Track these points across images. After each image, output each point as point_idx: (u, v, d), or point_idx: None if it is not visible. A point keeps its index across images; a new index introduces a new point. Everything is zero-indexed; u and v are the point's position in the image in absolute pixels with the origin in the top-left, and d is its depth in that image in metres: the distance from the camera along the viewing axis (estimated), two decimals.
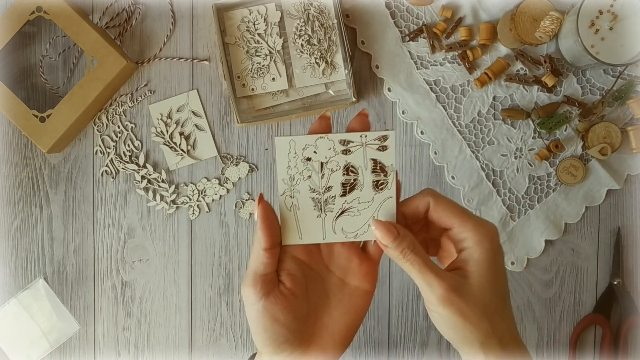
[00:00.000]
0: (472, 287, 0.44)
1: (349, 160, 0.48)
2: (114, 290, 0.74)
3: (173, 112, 0.73)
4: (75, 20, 0.67)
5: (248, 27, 0.71)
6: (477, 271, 0.45)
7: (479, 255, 0.45)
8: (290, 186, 0.48)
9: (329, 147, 0.48)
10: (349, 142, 0.47)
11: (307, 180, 0.48)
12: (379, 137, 0.47)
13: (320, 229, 0.48)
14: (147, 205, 0.73)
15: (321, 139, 0.47)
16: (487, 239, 0.45)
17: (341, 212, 0.48)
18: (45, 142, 0.69)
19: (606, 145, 0.70)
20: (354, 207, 0.48)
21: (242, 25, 0.71)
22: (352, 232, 0.48)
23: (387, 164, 0.48)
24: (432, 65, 0.71)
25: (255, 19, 0.71)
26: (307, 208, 0.48)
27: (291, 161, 0.48)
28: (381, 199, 0.48)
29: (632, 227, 0.72)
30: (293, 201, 0.48)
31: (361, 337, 0.73)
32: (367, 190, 0.48)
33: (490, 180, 0.72)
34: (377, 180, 0.48)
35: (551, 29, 0.66)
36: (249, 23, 0.71)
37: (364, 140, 0.47)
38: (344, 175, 0.48)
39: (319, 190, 0.48)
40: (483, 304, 0.44)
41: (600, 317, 0.71)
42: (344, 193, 0.48)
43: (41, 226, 0.74)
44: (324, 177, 0.48)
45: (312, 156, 0.48)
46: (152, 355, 0.74)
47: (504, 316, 0.46)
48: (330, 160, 0.48)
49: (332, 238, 0.48)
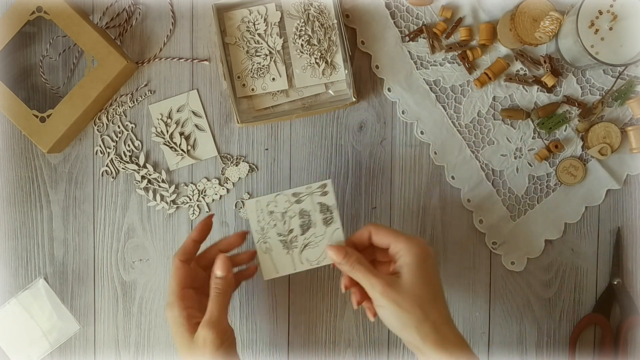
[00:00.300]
0: (404, 283, 0.57)
1: (302, 207, 0.63)
2: (114, 290, 0.74)
3: (173, 112, 0.73)
4: (75, 20, 0.67)
5: (248, 27, 0.71)
6: (408, 271, 0.58)
7: (409, 259, 0.58)
8: (262, 234, 0.63)
9: (285, 200, 0.63)
10: (299, 194, 0.63)
11: (274, 228, 0.63)
12: (319, 186, 0.62)
13: (291, 262, 0.63)
14: (147, 205, 0.73)
15: (278, 196, 0.63)
16: (415, 246, 0.58)
17: (304, 247, 0.63)
18: (46, 142, 0.69)
19: (606, 145, 0.70)
20: (313, 241, 0.63)
21: (242, 26, 0.71)
22: (314, 260, 0.63)
23: (329, 204, 0.63)
24: (432, 65, 0.71)
25: (255, 19, 0.71)
26: (278, 248, 0.63)
27: (259, 216, 0.63)
28: (331, 231, 0.63)
29: (631, 227, 0.72)
30: (266, 245, 0.63)
31: (361, 337, 0.73)
32: (319, 226, 0.63)
33: (490, 180, 0.72)
34: (325, 218, 0.63)
35: (551, 29, 0.66)
36: (249, 23, 0.71)
37: (309, 191, 0.63)
38: (300, 219, 0.63)
39: (284, 233, 0.63)
40: (414, 295, 0.57)
41: (600, 316, 0.71)
42: (302, 232, 0.63)
43: (41, 226, 0.74)
44: (285, 223, 0.63)
45: (274, 209, 0.63)
46: (153, 355, 0.74)
47: (435, 305, 0.57)
48: (287, 210, 0.63)
49: (300, 268, 0.63)
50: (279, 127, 0.73)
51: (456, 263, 0.73)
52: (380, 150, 0.72)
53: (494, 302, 0.73)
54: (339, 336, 0.73)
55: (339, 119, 0.72)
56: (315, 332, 0.73)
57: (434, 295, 0.58)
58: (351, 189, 0.72)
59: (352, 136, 0.72)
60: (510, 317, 0.73)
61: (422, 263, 0.58)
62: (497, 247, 0.72)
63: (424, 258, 0.59)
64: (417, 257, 0.58)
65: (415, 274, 0.58)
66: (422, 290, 0.57)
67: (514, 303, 0.73)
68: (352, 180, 0.72)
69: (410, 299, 0.57)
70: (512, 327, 0.73)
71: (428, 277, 0.58)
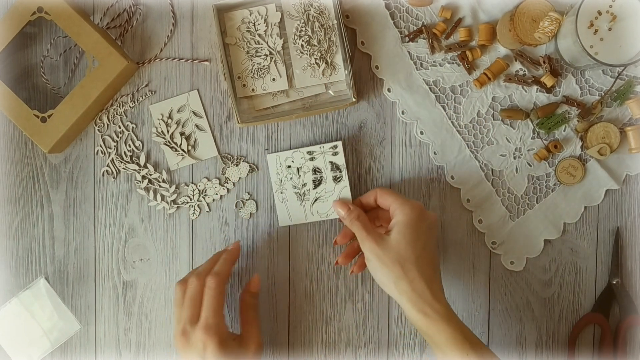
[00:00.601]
0: (390, 241, 0.62)
1: (315, 164, 0.71)
2: (114, 289, 0.74)
3: (174, 112, 0.73)
4: (76, 20, 0.67)
5: (248, 27, 0.71)
6: (397, 230, 0.62)
7: (400, 218, 0.63)
8: (280, 186, 0.71)
9: (301, 157, 0.71)
10: (313, 152, 0.70)
11: (290, 181, 0.71)
12: (331, 146, 0.70)
13: (303, 213, 0.71)
14: (147, 205, 0.73)
15: (295, 152, 0.71)
16: (408, 207, 0.63)
17: (315, 200, 0.71)
18: (47, 142, 0.69)
19: (605, 146, 0.70)
20: (323, 196, 0.71)
21: (243, 26, 0.71)
22: (324, 213, 0.71)
23: (339, 163, 0.70)
24: (431, 65, 0.71)
25: (255, 19, 0.71)
26: (292, 200, 0.71)
27: (278, 169, 0.71)
28: (340, 188, 0.70)
29: (630, 227, 0.72)
30: (283, 196, 0.71)
31: (361, 336, 0.73)
32: (329, 183, 0.70)
33: (489, 180, 0.72)
34: (335, 176, 0.70)
35: (550, 29, 0.66)
36: (250, 24, 0.71)
37: (322, 150, 0.70)
38: (313, 175, 0.71)
39: (298, 186, 0.71)
40: (397, 252, 0.61)
41: (599, 316, 0.72)
42: (314, 187, 0.71)
43: (42, 226, 0.74)
44: (300, 178, 0.71)
45: (290, 164, 0.71)
46: (153, 354, 0.74)
47: (416, 265, 0.61)
48: (302, 166, 0.71)
49: (311, 219, 0.71)
50: (279, 127, 0.73)
51: (456, 263, 0.73)
52: (380, 150, 0.72)
53: (494, 301, 0.73)
54: (339, 336, 0.73)
55: (339, 119, 0.72)
56: (315, 332, 0.73)
57: (418, 255, 0.61)
58: (351, 189, 0.72)
59: (352, 136, 0.72)
60: (510, 316, 0.73)
61: (413, 223, 0.62)
62: (496, 246, 0.72)
63: (416, 219, 0.62)
64: (407, 217, 0.62)
65: (401, 232, 0.62)
66: (405, 249, 0.61)
67: (513, 302, 0.73)
68: (352, 180, 0.72)
69: (392, 256, 0.61)
70: (512, 326, 0.73)
71: (415, 238, 0.62)
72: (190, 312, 0.62)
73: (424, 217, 0.63)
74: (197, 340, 0.61)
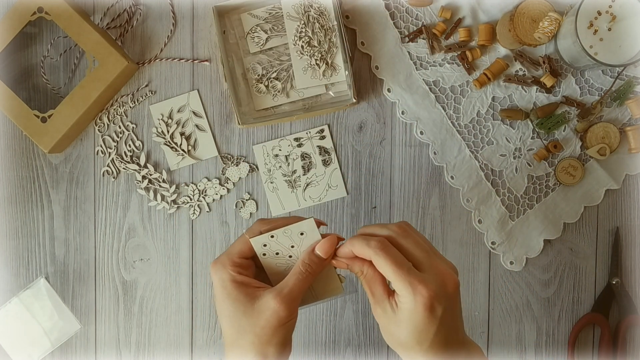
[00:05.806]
0: (400, 322, 0.50)
1: (303, 150, 0.71)
2: (115, 289, 0.74)
3: (174, 112, 0.73)
4: (76, 21, 0.67)
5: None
6: (407, 316, 0.50)
7: (410, 306, 0.49)
8: (269, 175, 0.71)
9: (288, 145, 0.71)
10: (300, 138, 0.70)
11: (279, 169, 0.71)
12: (317, 130, 0.70)
13: (295, 200, 0.71)
14: (148, 205, 0.73)
15: (282, 140, 0.70)
16: (419, 295, 0.49)
17: (307, 185, 0.71)
18: (47, 142, 0.69)
19: (605, 146, 0.70)
20: (314, 180, 0.71)
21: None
22: (316, 197, 0.71)
23: (327, 147, 0.71)
24: (431, 66, 0.72)
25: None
26: (283, 188, 0.71)
27: (266, 159, 0.71)
28: (330, 171, 0.71)
29: (630, 227, 0.72)
30: (273, 185, 0.71)
31: (361, 337, 0.73)
32: (319, 167, 0.71)
33: (489, 180, 0.72)
34: (324, 159, 0.71)
35: (550, 29, 0.66)
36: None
37: (309, 135, 0.70)
38: (302, 161, 0.71)
39: (288, 174, 0.71)
40: (406, 337, 0.50)
41: (599, 316, 0.72)
42: (304, 172, 0.71)
43: (42, 226, 0.74)
44: (289, 165, 0.71)
45: (278, 153, 0.71)
46: (153, 354, 0.74)
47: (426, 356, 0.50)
48: (290, 153, 0.71)
49: (304, 204, 0.71)
50: (279, 128, 0.73)
51: (455, 263, 0.72)
52: (380, 150, 0.72)
53: (493, 301, 0.73)
54: (339, 336, 0.73)
55: (339, 120, 0.72)
56: (315, 332, 0.73)
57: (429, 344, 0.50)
58: (351, 189, 0.72)
59: (352, 136, 0.72)
60: (510, 316, 0.73)
61: (427, 314, 0.49)
62: (496, 246, 0.72)
63: (430, 307, 0.49)
64: (418, 309, 0.49)
65: (412, 320, 0.49)
66: (415, 336, 0.50)
67: (513, 302, 0.73)
68: (352, 180, 0.72)
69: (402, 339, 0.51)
70: (511, 326, 0.73)
71: (427, 327, 0.49)
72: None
73: (440, 300, 0.49)
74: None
